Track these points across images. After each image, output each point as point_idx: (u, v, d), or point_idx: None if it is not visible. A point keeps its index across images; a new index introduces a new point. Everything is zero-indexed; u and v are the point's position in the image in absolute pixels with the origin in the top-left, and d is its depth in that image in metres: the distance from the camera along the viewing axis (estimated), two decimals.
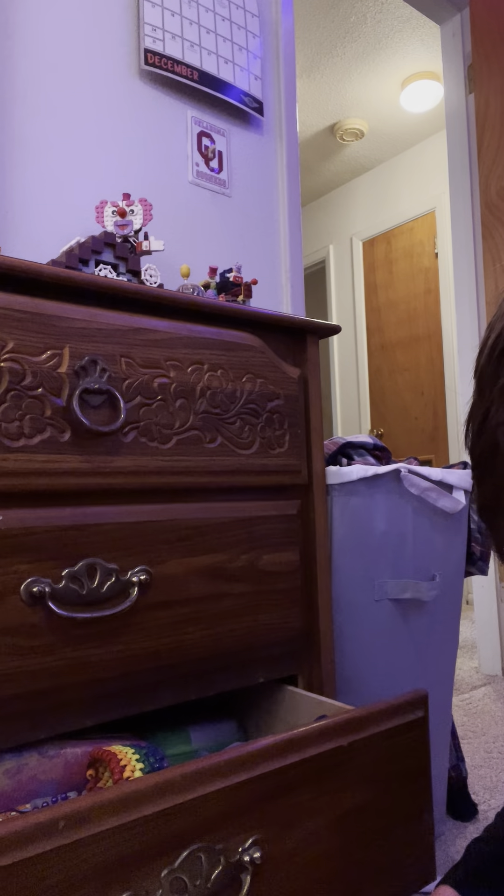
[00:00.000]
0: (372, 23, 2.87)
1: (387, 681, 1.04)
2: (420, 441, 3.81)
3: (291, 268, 1.64)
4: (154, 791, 0.50)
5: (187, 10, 1.46)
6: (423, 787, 0.68)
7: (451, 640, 1.15)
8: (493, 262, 2.02)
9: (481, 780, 1.39)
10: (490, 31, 2.06)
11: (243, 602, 0.81)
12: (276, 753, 0.58)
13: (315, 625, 0.90)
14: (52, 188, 1.26)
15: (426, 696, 0.70)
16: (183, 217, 1.46)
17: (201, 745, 0.82)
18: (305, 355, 0.93)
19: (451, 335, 3.62)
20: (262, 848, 0.55)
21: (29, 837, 0.45)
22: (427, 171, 3.80)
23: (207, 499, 0.80)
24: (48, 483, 0.66)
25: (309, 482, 0.92)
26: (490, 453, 0.43)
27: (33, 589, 0.64)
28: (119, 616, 0.70)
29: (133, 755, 0.69)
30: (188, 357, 0.78)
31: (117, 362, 0.72)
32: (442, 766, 1.15)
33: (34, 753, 0.69)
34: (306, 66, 3.14)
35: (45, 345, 0.67)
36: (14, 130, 1.22)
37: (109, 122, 1.35)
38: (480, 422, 0.43)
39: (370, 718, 0.65)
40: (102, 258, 0.97)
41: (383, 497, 1.02)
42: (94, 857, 0.47)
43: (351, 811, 0.62)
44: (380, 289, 4.08)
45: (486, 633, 2.23)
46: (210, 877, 0.52)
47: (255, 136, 1.62)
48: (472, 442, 0.44)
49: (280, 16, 1.68)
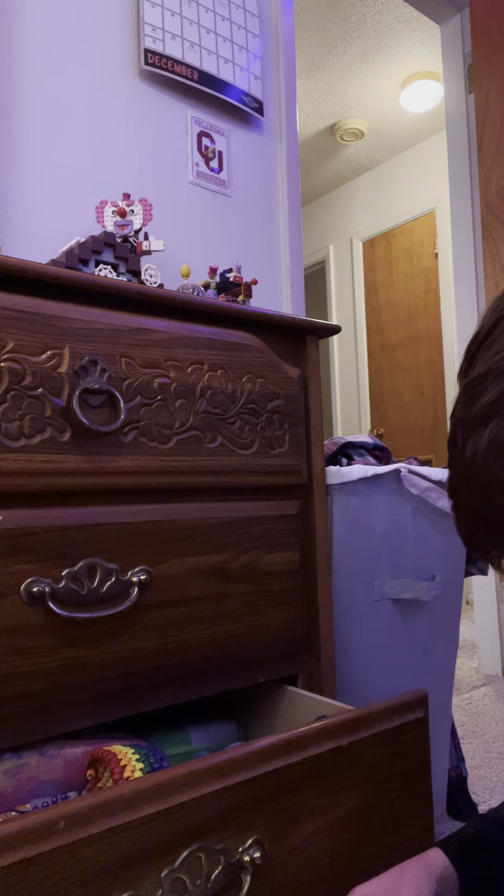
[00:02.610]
0: (372, 23, 2.87)
1: (387, 681, 1.04)
2: (420, 441, 3.81)
3: (291, 268, 1.64)
4: (154, 791, 0.50)
5: (187, 10, 1.46)
6: (422, 787, 0.68)
7: (451, 640, 1.15)
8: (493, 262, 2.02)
9: (481, 780, 1.39)
10: (490, 31, 2.06)
11: (243, 602, 0.81)
12: (276, 753, 0.58)
13: (315, 625, 0.90)
14: (52, 188, 1.26)
15: (426, 696, 0.70)
16: (183, 217, 1.46)
17: (201, 745, 0.82)
18: (305, 355, 0.93)
19: (451, 335, 3.62)
20: (262, 848, 0.55)
21: (29, 837, 0.45)
22: (427, 171, 3.80)
23: (207, 499, 0.80)
24: (48, 483, 0.66)
25: (309, 482, 0.92)
26: (450, 446, 0.45)
27: (33, 589, 0.64)
28: (119, 616, 0.70)
29: (133, 755, 0.69)
30: (188, 357, 0.78)
31: (117, 362, 0.72)
32: (442, 766, 1.15)
33: (34, 753, 0.69)
34: (306, 66, 3.14)
35: (45, 345, 0.67)
36: (14, 130, 1.22)
37: (109, 122, 1.35)
38: (450, 417, 0.44)
39: (370, 718, 0.65)
40: (102, 258, 0.97)
41: (383, 497, 1.02)
42: (94, 857, 0.47)
43: (351, 811, 0.62)
44: (380, 289, 4.08)
45: (486, 633, 2.23)
46: (210, 877, 0.52)
47: (255, 136, 1.61)
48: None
49: (280, 16, 1.68)
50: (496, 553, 0.45)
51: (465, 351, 0.45)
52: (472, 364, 0.43)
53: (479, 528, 0.44)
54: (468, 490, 0.43)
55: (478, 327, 0.44)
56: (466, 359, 0.44)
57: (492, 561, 0.46)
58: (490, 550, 0.45)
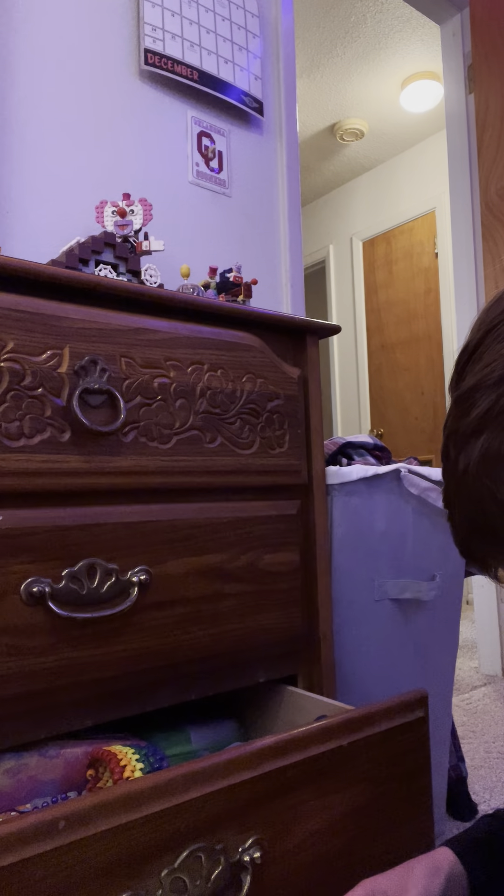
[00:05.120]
0: (372, 23, 2.87)
1: (387, 681, 1.04)
2: (420, 441, 3.81)
3: (291, 268, 1.64)
4: (154, 791, 0.50)
5: (187, 10, 1.46)
6: (422, 786, 0.68)
7: (451, 640, 1.15)
8: (493, 262, 2.02)
9: (481, 779, 1.39)
10: (490, 31, 2.06)
11: (243, 602, 0.81)
12: (276, 753, 0.58)
13: (315, 625, 0.90)
14: (52, 188, 1.26)
15: (426, 696, 0.70)
16: (183, 217, 1.46)
17: (201, 745, 0.82)
18: (305, 355, 0.93)
19: (451, 335, 3.62)
20: (262, 848, 0.55)
21: (29, 837, 0.45)
22: (427, 171, 3.80)
23: (207, 499, 0.80)
24: (48, 483, 0.66)
25: (309, 482, 0.91)
26: (443, 458, 0.45)
27: (33, 589, 0.64)
28: (119, 616, 0.70)
29: (133, 755, 0.69)
30: (188, 357, 0.78)
31: (117, 362, 0.72)
32: (442, 766, 1.15)
33: (34, 753, 0.69)
34: (306, 66, 3.13)
35: (45, 345, 0.67)
36: (14, 130, 1.22)
37: (109, 122, 1.35)
38: (443, 429, 0.45)
39: (370, 718, 0.65)
40: (102, 258, 0.97)
41: (383, 497, 1.02)
42: (94, 857, 0.47)
43: (351, 811, 0.62)
44: (380, 289, 4.08)
45: (486, 633, 2.23)
46: (210, 877, 0.52)
47: (255, 136, 1.61)
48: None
49: (280, 16, 1.68)
50: (493, 563, 0.45)
51: (455, 364, 0.45)
52: (463, 377, 0.43)
53: (474, 539, 0.45)
54: (462, 502, 0.43)
55: (466, 340, 0.44)
56: (456, 371, 0.44)
57: (488, 571, 0.46)
58: (486, 560, 0.46)
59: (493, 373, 0.40)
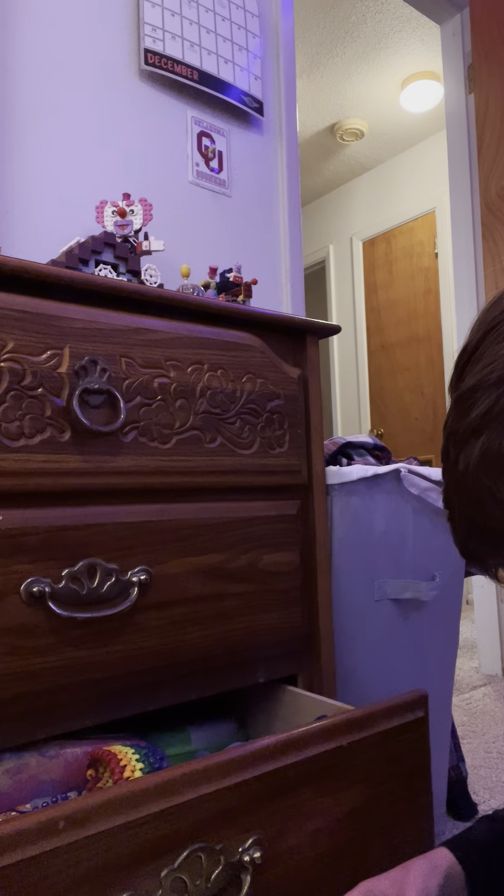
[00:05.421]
0: (372, 23, 2.87)
1: (387, 681, 1.04)
2: (420, 441, 3.81)
3: (291, 268, 1.64)
4: (154, 791, 0.50)
5: (187, 10, 1.46)
6: (422, 787, 0.68)
7: (451, 640, 1.15)
8: (493, 262, 2.02)
9: (481, 779, 1.39)
10: (490, 31, 2.06)
11: (243, 602, 0.81)
12: (276, 753, 0.58)
13: (315, 625, 0.90)
14: (52, 188, 1.26)
15: (426, 696, 0.70)
16: (183, 217, 1.46)
17: (201, 745, 0.82)
18: (305, 355, 0.93)
19: (451, 335, 3.62)
20: (262, 848, 0.55)
21: (29, 837, 0.45)
22: (427, 171, 3.80)
23: (207, 499, 0.80)
24: (48, 483, 0.66)
25: (309, 482, 0.92)
26: (443, 458, 0.45)
27: (33, 589, 0.64)
28: (119, 616, 0.70)
29: (133, 755, 0.69)
30: (188, 357, 0.78)
31: (117, 362, 0.72)
32: (442, 766, 1.15)
33: (34, 753, 0.69)
34: (306, 66, 3.13)
35: (45, 345, 0.67)
36: (14, 130, 1.22)
37: (109, 122, 1.35)
38: (443, 429, 0.45)
39: (370, 718, 0.65)
40: (102, 258, 0.97)
41: (383, 497, 1.02)
42: (94, 857, 0.47)
43: (351, 811, 0.62)
44: (380, 289, 4.08)
45: (486, 633, 2.23)
46: (210, 877, 0.52)
47: (255, 136, 1.61)
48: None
49: (280, 16, 1.68)
50: (493, 563, 0.45)
51: (455, 364, 0.45)
52: (462, 377, 0.44)
53: (473, 539, 0.45)
54: (462, 502, 0.43)
55: (466, 340, 0.44)
56: (456, 372, 0.45)
57: (488, 571, 0.46)
58: (486, 560, 0.46)
59: (493, 373, 0.40)
